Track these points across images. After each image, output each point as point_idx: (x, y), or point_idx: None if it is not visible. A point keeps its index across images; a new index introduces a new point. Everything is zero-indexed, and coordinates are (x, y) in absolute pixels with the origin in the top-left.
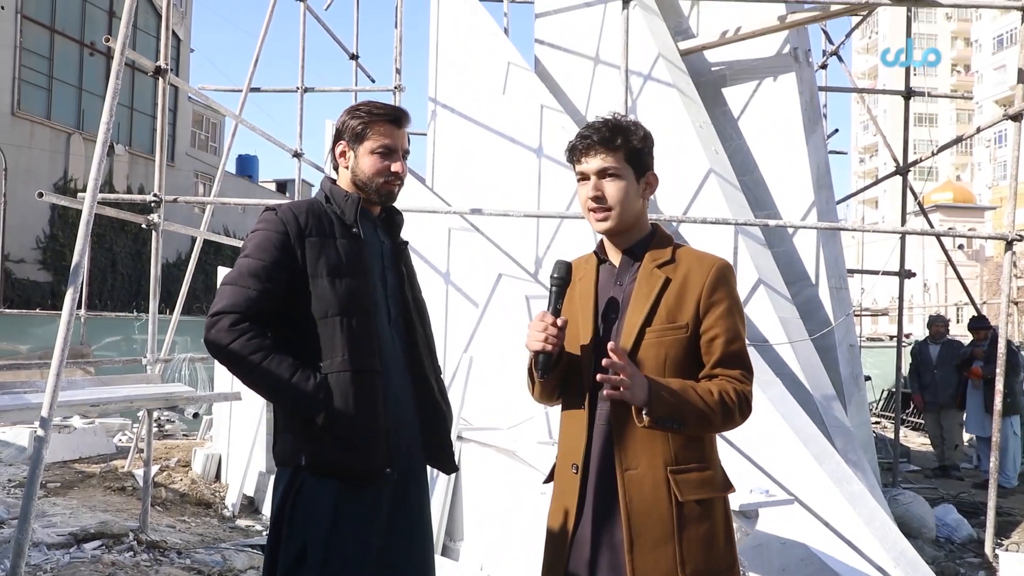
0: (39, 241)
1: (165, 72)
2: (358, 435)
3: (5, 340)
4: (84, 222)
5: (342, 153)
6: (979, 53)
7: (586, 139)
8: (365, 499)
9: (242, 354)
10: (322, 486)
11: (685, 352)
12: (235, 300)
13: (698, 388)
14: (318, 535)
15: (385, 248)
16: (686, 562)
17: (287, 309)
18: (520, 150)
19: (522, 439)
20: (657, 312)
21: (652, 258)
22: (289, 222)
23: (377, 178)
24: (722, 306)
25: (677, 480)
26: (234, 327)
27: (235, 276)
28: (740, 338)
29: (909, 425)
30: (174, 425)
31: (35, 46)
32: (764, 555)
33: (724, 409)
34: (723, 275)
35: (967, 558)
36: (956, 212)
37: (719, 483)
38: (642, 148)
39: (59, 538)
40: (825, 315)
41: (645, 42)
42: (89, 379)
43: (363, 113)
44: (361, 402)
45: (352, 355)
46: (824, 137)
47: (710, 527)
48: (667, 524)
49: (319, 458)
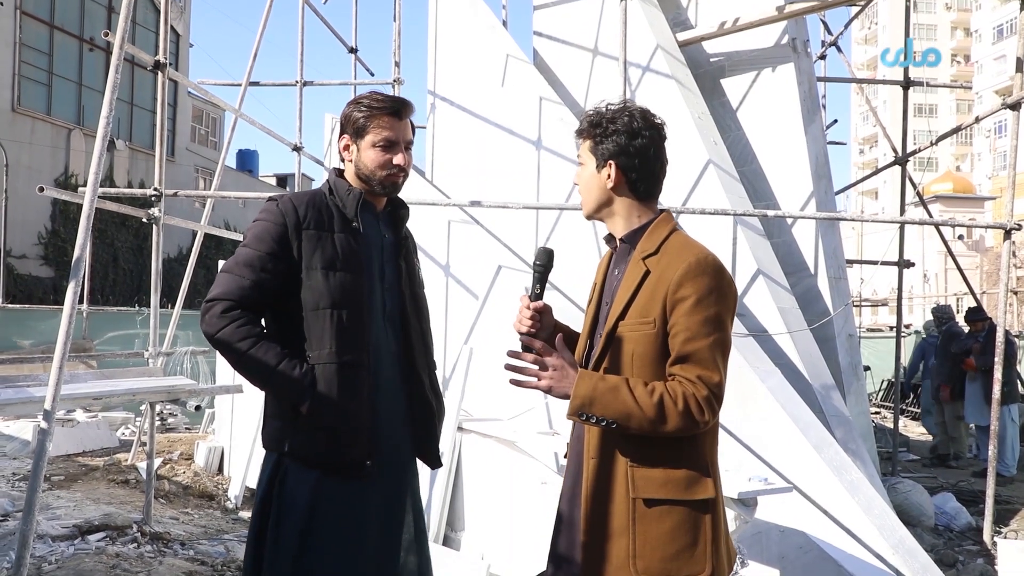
0: (41, 237)
1: (164, 66)
2: (340, 427)
3: (7, 335)
4: (85, 216)
5: (346, 147)
6: (979, 43)
7: (576, 127)
8: (348, 490)
9: (232, 341)
10: (303, 476)
11: (653, 348)
12: (228, 288)
13: (636, 388)
14: (295, 525)
15: (386, 242)
16: (638, 557)
17: (283, 299)
18: (519, 142)
19: (522, 430)
20: (632, 305)
21: (641, 248)
22: (288, 213)
23: (380, 171)
24: (686, 303)
25: (635, 475)
26: (226, 314)
27: (232, 264)
28: (701, 337)
29: (909, 415)
30: (177, 419)
31: (35, 42)
32: (763, 543)
33: (659, 412)
34: (694, 270)
35: (966, 546)
36: (956, 203)
37: (690, 484)
38: (603, 137)
39: (63, 530)
40: (824, 305)
41: (643, 33)
42: (91, 373)
43: (364, 106)
44: (345, 394)
45: (339, 348)
46: (823, 128)
47: (673, 528)
48: (623, 517)
49: (301, 447)
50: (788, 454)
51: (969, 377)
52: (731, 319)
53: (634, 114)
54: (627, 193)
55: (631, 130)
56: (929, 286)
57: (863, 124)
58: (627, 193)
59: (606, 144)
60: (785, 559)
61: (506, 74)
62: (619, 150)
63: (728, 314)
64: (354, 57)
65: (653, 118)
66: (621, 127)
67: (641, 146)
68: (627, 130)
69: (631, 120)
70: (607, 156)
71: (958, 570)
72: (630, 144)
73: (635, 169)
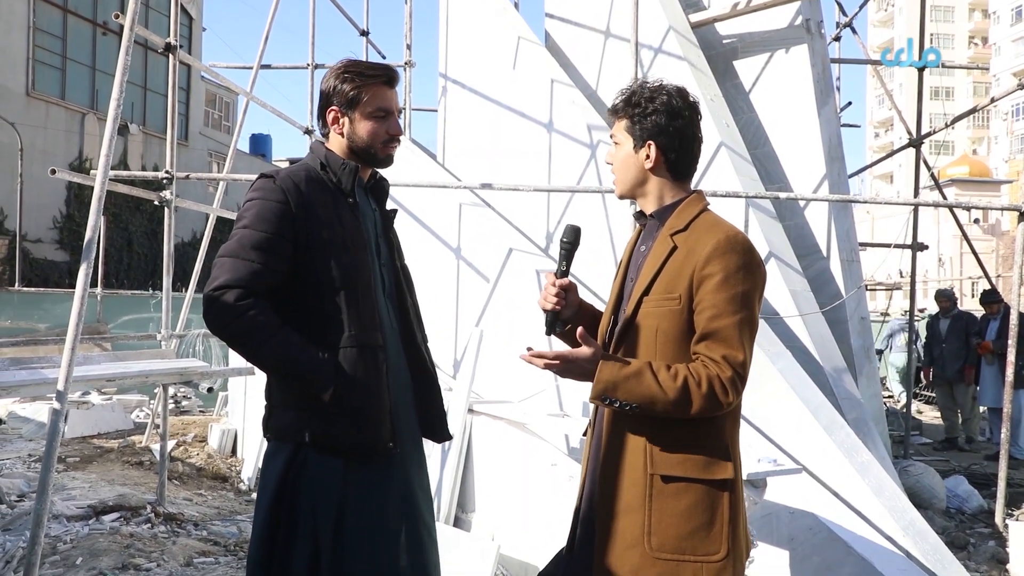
0: (56, 221)
1: (175, 49)
2: (365, 411)
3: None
4: (96, 197)
5: (334, 119)
6: (997, 25)
7: (610, 106)
8: (372, 477)
9: (249, 331)
10: (327, 465)
11: (678, 325)
12: (239, 274)
13: (660, 372)
14: (327, 519)
15: (376, 216)
16: (653, 534)
17: (288, 282)
18: (531, 125)
19: (533, 412)
20: (657, 281)
21: (670, 225)
22: (290, 191)
23: (377, 142)
24: (713, 280)
25: (653, 452)
26: (240, 302)
27: (235, 248)
28: (727, 315)
29: (922, 399)
30: (190, 401)
31: (48, 26)
32: (773, 524)
33: (683, 395)
34: (723, 247)
35: (977, 528)
36: (972, 186)
37: (708, 464)
38: (642, 117)
39: (78, 510)
40: (836, 288)
41: (656, 15)
42: (105, 355)
43: (353, 75)
44: (368, 377)
45: (358, 330)
46: (836, 110)
47: (690, 506)
48: (639, 493)
49: (325, 434)
50: (798, 436)
51: (987, 360)
52: (759, 299)
53: (672, 93)
54: (664, 173)
55: (671, 110)
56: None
57: (879, 107)
58: (664, 173)
59: (645, 124)
60: (795, 540)
61: (518, 56)
62: (659, 130)
63: (756, 293)
64: (366, 40)
65: (690, 97)
66: (660, 106)
67: (681, 126)
68: (667, 110)
69: (670, 99)
70: (646, 136)
71: (969, 552)
72: (670, 124)
73: (674, 149)
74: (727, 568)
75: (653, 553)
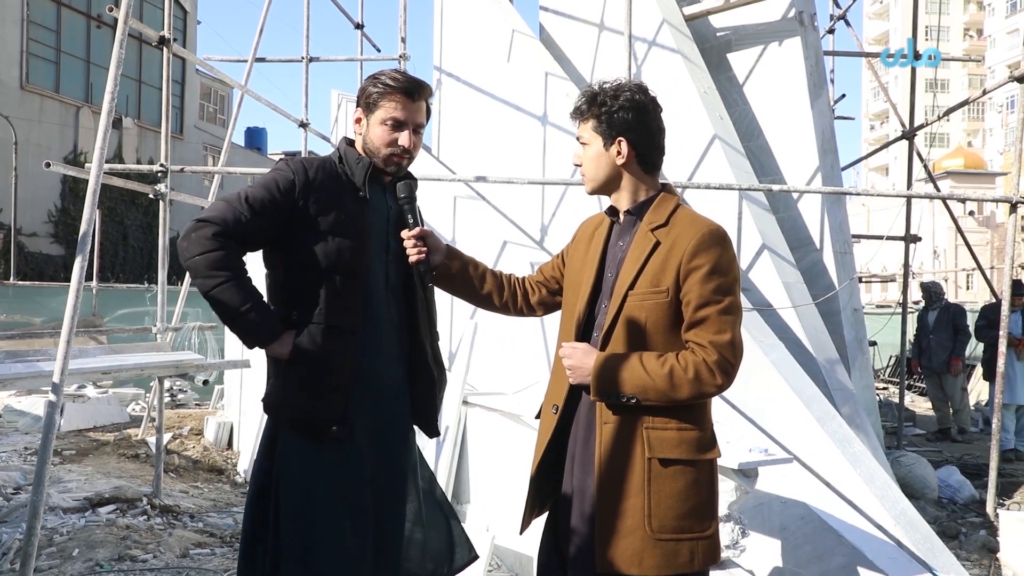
0: (51, 215)
1: (169, 42)
2: (317, 386)
3: (19, 312)
4: (91, 190)
5: (357, 119)
6: (992, 16)
7: (573, 109)
8: (338, 457)
9: (211, 267)
10: (293, 442)
11: (667, 316)
12: (224, 216)
13: (648, 361)
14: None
15: (392, 214)
16: (653, 516)
17: (274, 256)
18: (525, 118)
19: (527, 403)
20: (642, 275)
21: (648, 220)
22: (299, 172)
23: (384, 149)
24: (700, 272)
25: (650, 436)
26: (216, 238)
27: (232, 197)
28: (713, 303)
29: (916, 391)
30: (187, 395)
31: (42, 19)
32: (764, 514)
33: (670, 382)
34: (708, 240)
35: (969, 518)
36: (967, 178)
37: (701, 446)
38: (609, 115)
39: (75, 503)
40: (829, 280)
41: (650, 8)
42: (101, 348)
43: (381, 83)
44: (327, 356)
45: (329, 311)
46: (830, 102)
47: (685, 487)
48: (639, 477)
49: (279, 404)
50: (791, 426)
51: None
52: (739, 288)
53: (634, 89)
54: (635, 168)
55: (637, 105)
56: (939, 262)
57: (874, 100)
58: (635, 168)
59: (613, 121)
60: (786, 530)
61: (512, 49)
62: (627, 126)
63: (737, 284)
64: (360, 33)
65: (650, 91)
66: (626, 103)
67: (647, 120)
68: (633, 106)
69: (633, 95)
70: (616, 133)
71: (960, 541)
72: (637, 119)
73: (644, 144)
74: (715, 539)
75: (654, 535)
